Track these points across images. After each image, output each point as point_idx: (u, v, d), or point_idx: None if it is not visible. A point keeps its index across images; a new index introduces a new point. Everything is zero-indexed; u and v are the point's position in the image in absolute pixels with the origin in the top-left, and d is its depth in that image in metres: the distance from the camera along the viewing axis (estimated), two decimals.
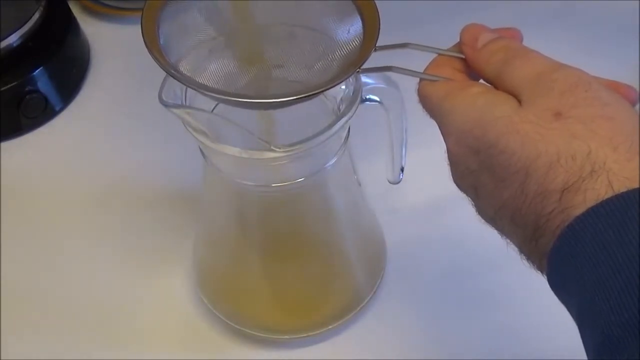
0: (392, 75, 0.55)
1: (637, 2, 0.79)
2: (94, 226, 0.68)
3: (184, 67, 0.46)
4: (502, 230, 0.43)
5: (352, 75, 0.51)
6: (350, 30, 0.48)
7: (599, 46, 0.76)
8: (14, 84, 0.72)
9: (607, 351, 0.36)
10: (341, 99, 0.52)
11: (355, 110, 0.51)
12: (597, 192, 0.37)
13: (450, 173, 0.45)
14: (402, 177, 0.62)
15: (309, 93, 0.45)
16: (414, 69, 0.46)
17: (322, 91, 0.45)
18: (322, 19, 0.49)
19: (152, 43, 0.46)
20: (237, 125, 0.48)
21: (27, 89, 0.73)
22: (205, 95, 0.46)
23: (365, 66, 0.46)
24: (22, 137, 0.74)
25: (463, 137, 0.42)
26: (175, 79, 0.45)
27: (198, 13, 0.49)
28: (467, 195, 0.45)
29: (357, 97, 0.51)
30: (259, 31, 0.49)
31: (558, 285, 0.40)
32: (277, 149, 0.48)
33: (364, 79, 0.52)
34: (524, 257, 0.42)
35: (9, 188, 0.71)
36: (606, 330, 0.36)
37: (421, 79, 0.46)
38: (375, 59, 0.46)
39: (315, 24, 0.49)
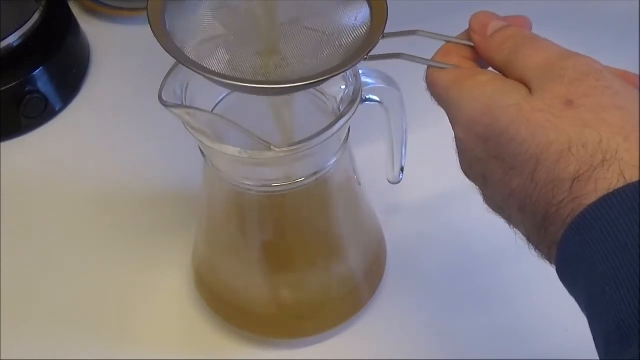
0: (392, 74, 0.55)
1: (637, 2, 0.79)
2: (94, 226, 0.68)
3: (191, 57, 0.46)
4: (510, 219, 0.43)
5: (355, 74, 0.51)
6: (358, 17, 0.48)
7: (599, 46, 0.76)
8: (14, 84, 0.72)
9: (618, 340, 0.36)
10: (341, 99, 0.52)
11: (355, 110, 0.51)
12: (608, 181, 0.37)
13: (459, 161, 0.45)
14: (402, 177, 0.62)
15: (317, 79, 0.45)
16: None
17: (331, 77, 0.45)
18: (329, 6, 0.49)
19: (160, 33, 0.46)
20: (237, 125, 0.48)
21: (27, 89, 0.73)
22: (217, 82, 0.45)
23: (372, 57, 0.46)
24: (22, 137, 0.74)
25: (472, 125, 0.42)
26: (191, 67, 0.45)
27: (202, 4, 0.49)
28: (475, 183, 0.45)
29: (357, 97, 0.51)
30: (266, 19, 0.49)
31: (567, 275, 0.40)
32: (277, 149, 0.48)
33: (364, 78, 0.52)
34: (532, 247, 0.42)
35: (9, 188, 0.71)
36: (617, 320, 0.36)
37: (429, 67, 0.46)
38: (382, 49, 0.46)
39: (322, 11, 0.49)
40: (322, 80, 0.45)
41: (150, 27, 0.46)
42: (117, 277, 0.65)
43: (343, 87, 0.52)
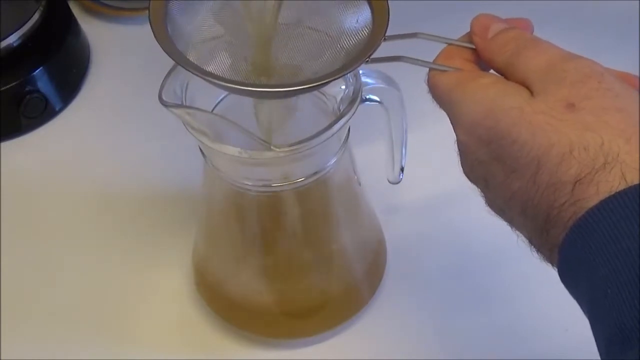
0: (392, 75, 0.55)
1: (637, 2, 0.79)
2: (94, 226, 0.68)
3: (192, 59, 0.46)
4: (512, 222, 0.43)
5: (355, 73, 0.51)
6: (359, 20, 0.48)
7: (599, 46, 0.76)
8: (14, 84, 0.72)
9: (619, 343, 0.36)
10: (341, 99, 0.52)
11: (355, 110, 0.51)
12: (610, 184, 0.37)
13: (460, 164, 0.45)
14: (402, 177, 0.62)
15: (318, 83, 0.44)
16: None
17: (332, 80, 0.45)
18: (331, 9, 0.48)
19: (161, 34, 0.46)
20: (237, 125, 0.48)
21: (27, 89, 0.73)
22: (217, 85, 0.45)
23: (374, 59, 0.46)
24: (22, 137, 0.74)
25: (473, 127, 0.42)
26: (191, 70, 0.45)
27: (204, 5, 0.49)
28: (476, 186, 0.45)
29: (357, 97, 0.51)
30: (266, 22, 0.49)
31: (569, 278, 0.40)
32: (277, 149, 0.48)
33: (364, 78, 0.52)
34: (534, 249, 0.42)
35: (9, 188, 0.71)
36: (618, 323, 0.36)
37: (431, 69, 0.45)
38: (383, 52, 0.46)
39: (324, 14, 0.49)
40: (323, 83, 0.45)
41: (151, 28, 0.46)
42: (117, 277, 0.65)
43: (343, 87, 0.52)
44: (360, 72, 0.52)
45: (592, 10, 0.81)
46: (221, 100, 0.54)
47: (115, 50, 0.81)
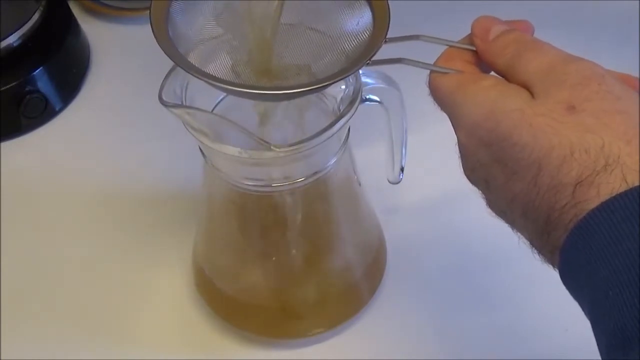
0: (392, 75, 0.55)
1: (637, 2, 0.79)
2: (94, 226, 0.68)
3: (192, 60, 0.46)
4: (513, 224, 0.43)
5: (355, 74, 0.51)
6: (360, 22, 0.48)
7: (599, 46, 0.76)
8: (14, 84, 0.72)
9: (620, 345, 0.36)
10: (341, 99, 0.52)
11: (355, 110, 0.51)
12: (611, 186, 0.37)
13: (461, 166, 0.45)
14: (402, 177, 0.62)
15: (318, 85, 0.45)
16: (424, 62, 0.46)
17: (332, 83, 0.45)
18: (331, 11, 0.49)
19: (161, 35, 0.46)
20: (237, 125, 0.48)
21: (27, 89, 0.73)
22: (217, 87, 0.45)
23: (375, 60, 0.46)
24: (22, 137, 0.74)
25: (475, 129, 0.42)
26: (191, 72, 0.45)
27: (205, 7, 0.49)
28: (477, 188, 0.45)
29: (357, 97, 0.51)
30: (267, 25, 0.49)
31: (570, 280, 0.40)
32: (277, 149, 0.48)
33: (364, 78, 0.52)
34: (535, 251, 0.42)
35: (9, 188, 0.71)
36: (619, 324, 0.36)
37: (432, 71, 0.46)
38: (384, 54, 0.46)
39: (324, 16, 0.49)
40: (324, 86, 0.45)
41: (152, 30, 0.46)
42: (117, 277, 0.65)
43: (343, 87, 0.52)
44: (360, 72, 0.52)
45: (592, 10, 0.81)
46: (221, 100, 0.54)
47: (115, 50, 0.81)
